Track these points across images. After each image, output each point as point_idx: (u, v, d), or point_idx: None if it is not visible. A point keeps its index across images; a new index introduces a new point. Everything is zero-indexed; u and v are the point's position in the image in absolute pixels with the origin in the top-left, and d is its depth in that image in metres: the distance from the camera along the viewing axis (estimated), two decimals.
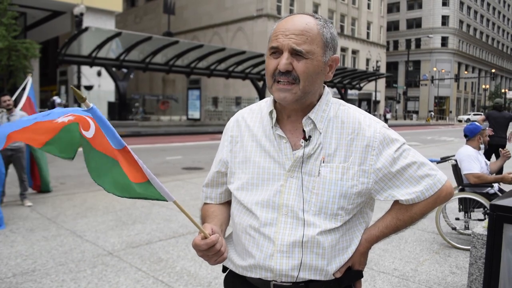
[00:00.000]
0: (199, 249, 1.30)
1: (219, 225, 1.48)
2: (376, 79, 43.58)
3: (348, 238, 1.41)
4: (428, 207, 1.42)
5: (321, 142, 1.37)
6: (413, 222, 1.46)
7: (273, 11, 42.11)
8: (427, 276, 4.02)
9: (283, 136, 1.39)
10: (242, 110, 1.58)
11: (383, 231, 1.47)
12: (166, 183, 8.24)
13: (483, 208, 4.80)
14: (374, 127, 1.38)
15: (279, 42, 1.30)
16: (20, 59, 21.02)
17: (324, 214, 1.35)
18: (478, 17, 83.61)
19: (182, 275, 3.89)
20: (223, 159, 1.53)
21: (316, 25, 1.32)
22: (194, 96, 32.23)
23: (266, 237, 1.37)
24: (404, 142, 1.41)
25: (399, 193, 1.39)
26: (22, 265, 4.02)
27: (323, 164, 1.35)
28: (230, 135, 1.52)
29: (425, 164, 1.41)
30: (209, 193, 1.61)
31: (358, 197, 1.37)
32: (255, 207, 1.40)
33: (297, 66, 1.29)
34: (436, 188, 1.40)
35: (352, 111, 1.43)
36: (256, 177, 1.41)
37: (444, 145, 17.87)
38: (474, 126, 5.22)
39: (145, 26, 52.32)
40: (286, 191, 1.37)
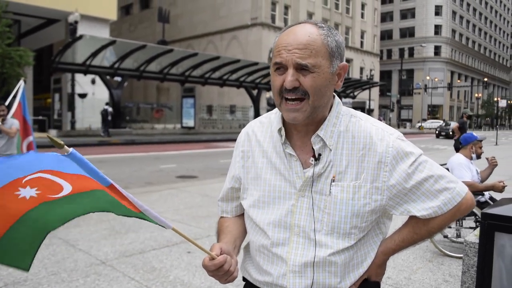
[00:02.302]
0: (207, 270, 1.29)
1: (233, 241, 1.46)
2: (370, 87, 43.84)
3: (363, 253, 1.38)
4: (446, 221, 1.37)
5: (332, 160, 1.32)
6: (430, 235, 1.44)
7: (268, 20, 42.34)
8: (420, 284, 4.03)
9: (293, 154, 1.35)
10: (251, 123, 1.54)
11: (399, 244, 1.43)
12: (160, 192, 8.22)
13: (474, 216, 4.82)
14: (387, 141, 1.32)
15: (283, 57, 1.25)
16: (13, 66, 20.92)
17: (337, 234, 1.32)
18: (470, 26, 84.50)
19: (176, 285, 3.87)
20: (236, 175, 1.51)
21: (320, 35, 1.26)
22: (188, 104, 32.21)
23: (279, 257, 1.35)
24: (421, 154, 1.35)
25: (415, 208, 1.34)
26: (14, 274, 3.99)
27: (334, 183, 1.31)
28: (242, 150, 1.50)
29: (443, 177, 1.34)
30: (225, 207, 1.59)
31: (371, 214, 1.33)
32: (267, 227, 1.38)
33: (304, 81, 1.24)
34: (455, 202, 1.34)
35: (364, 123, 1.37)
36: (267, 195, 1.39)
37: (437, 153, 17.96)
38: (469, 135, 5.24)
39: (140, 34, 52.38)
40: (297, 211, 1.34)
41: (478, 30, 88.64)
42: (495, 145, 24.81)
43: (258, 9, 42.29)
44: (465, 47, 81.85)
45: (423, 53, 72.91)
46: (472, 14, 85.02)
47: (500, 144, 25.92)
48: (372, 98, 52.50)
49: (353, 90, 41.20)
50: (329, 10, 50.59)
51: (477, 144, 5.17)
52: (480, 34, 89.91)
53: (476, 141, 5.16)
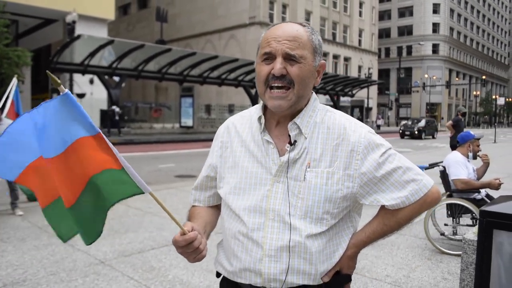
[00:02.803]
0: (177, 245, 1.33)
1: (203, 226, 1.51)
2: (368, 86, 43.81)
3: (335, 243, 1.43)
4: (414, 212, 1.43)
5: (306, 147, 1.39)
6: (399, 227, 1.48)
7: (266, 19, 42.31)
8: (419, 282, 4.03)
9: (271, 141, 1.42)
10: (233, 117, 1.61)
11: (370, 236, 1.48)
12: (159, 191, 8.21)
13: (471, 213, 4.84)
14: (359, 132, 1.40)
15: (272, 47, 1.34)
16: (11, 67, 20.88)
17: (310, 218, 1.37)
18: (468, 24, 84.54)
19: (175, 284, 3.88)
20: (213, 164, 1.57)
21: (306, 32, 1.38)
22: (187, 103, 32.21)
23: (255, 242, 1.39)
24: (390, 147, 1.43)
25: (384, 198, 1.40)
26: (13, 274, 3.99)
27: (309, 169, 1.37)
28: (220, 141, 1.56)
29: (410, 169, 1.41)
30: (198, 196, 1.65)
31: (343, 201, 1.39)
32: (243, 212, 1.42)
33: (291, 70, 1.33)
34: (421, 193, 1.40)
35: (338, 116, 1.46)
36: (244, 181, 1.44)
37: (435, 151, 17.95)
38: (467, 134, 5.26)
39: (138, 34, 52.30)
40: (272, 195, 1.39)
41: (476, 28, 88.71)
42: (493, 143, 24.86)
43: (256, 8, 42.27)
44: (463, 45, 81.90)
45: (421, 51, 72.90)
46: (470, 12, 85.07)
47: (498, 142, 25.97)
48: (371, 96, 52.51)
49: (352, 88, 41.20)
50: (327, 9, 50.56)
51: (475, 143, 5.18)
52: (478, 32, 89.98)
53: (473, 140, 5.17)
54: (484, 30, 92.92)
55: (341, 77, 37.89)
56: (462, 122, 10.79)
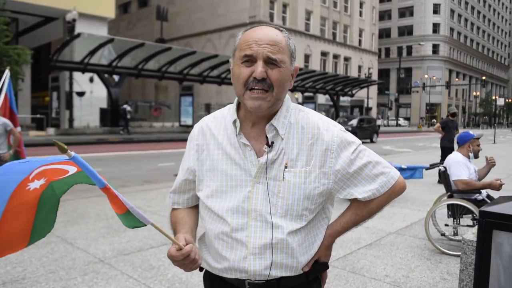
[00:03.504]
0: (174, 260, 1.37)
1: (190, 231, 1.54)
2: (368, 86, 43.82)
3: (313, 235, 1.51)
4: (383, 201, 1.53)
5: (283, 148, 1.44)
6: (371, 216, 1.57)
7: (266, 18, 42.29)
8: (418, 282, 4.03)
9: (247, 143, 1.45)
10: (205, 118, 1.62)
11: (344, 226, 1.56)
12: (158, 190, 8.22)
13: (472, 214, 4.83)
14: (332, 131, 1.46)
15: (254, 50, 1.36)
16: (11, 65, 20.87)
17: (290, 216, 1.43)
18: (468, 24, 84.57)
19: (174, 283, 3.88)
20: (190, 167, 1.58)
21: (284, 37, 1.42)
22: (186, 102, 32.19)
23: (239, 242, 1.44)
24: (360, 143, 1.50)
25: (356, 191, 1.49)
26: (12, 272, 3.99)
27: (287, 170, 1.43)
28: (196, 144, 1.58)
29: (379, 162, 1.50)
30: (177, 199, 1.67)
31: (320, 197, 1.47)
32: (225, 214, 1.46)
33: (271, 74, 1.36)
34: (389, 184, 1.50)
35: (311, 116, 1.51)
36: (224, 184, 1.47)
37: (435, 152, 17.93)
38: (465, 134, 5.25)
39: (138, 32, 52.27)
40: (254, 196, 1.43)
41: (477, 28, 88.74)
42: (493, 143, 24.87)
43: (256, 8, 42.26)
44: (463, 46, 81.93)
45: (421, 51, 72.94)
46: (470, 13, 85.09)
47: (498, 142, 25.98)
48: (370, 96, 52.53)
49: (351, 88, 41.20)
50: (327, 8, 50.55)
51: (474, 142, 5.17)
52: (478, 33, 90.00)
53: (472, 140, 5.16)
54: (484, 31, 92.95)
55: (341, 77, 37.90)
56: (454, 122, 10.66)
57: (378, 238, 5.35)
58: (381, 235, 5.45)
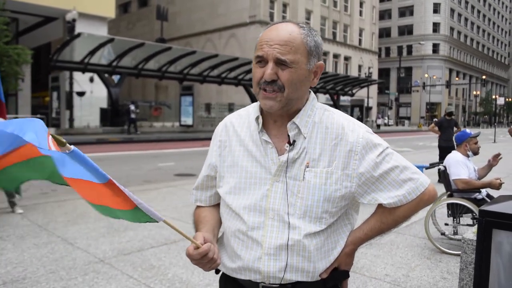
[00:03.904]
0: (192, 258, 1.35)
1: (211, 230, 1.52)
2: (368, 85, 43.81)
3: (333, 240, 1.45)
4: (411, 210, 1.45)
5: (306, 147, 1.40)
6: (396, 225, 1.50)
7: (266, 18, 42.28)
8: (418, 281, 4.04)
9: (269, 141, 1.43)
10: (230, 115, 1.61)
11: (368, 233, 1.50)
12: (159, 190, 8.22)
13: (472, 213, 4.83)
14: (357, 132, 1.41)
15: (264, 51, 1.34)
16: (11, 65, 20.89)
17: (309, 218, 1.39)
18: (468, 24, 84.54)
19: (174, 282, 3.88)
20: (212, 163, 1.57)
21: (300, 34, 1.36)
22: (186, 102, 32.16)
23: (254, 241, 1.41)
24: (388, 147, 1.44)
25: (381, 196, 1.42)
26: (12, 272, 3.99)
27: (308, 169, 1.39)
28: (219, 140, 1.56)
29: (407, 168, 1.43)
30: (199, 196, 1.65)
31: (341, 200, 1.41)
32: (242, 211, 1.43)
33: (282, 75, 1.34)
34: (418, 191, 1.42)
35: (336, 116, 1.46)
36: (243, 181, 1.45)
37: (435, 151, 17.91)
38: (462, 133, 5.25)
39: (138, 32, 52.25)
40: (272, 195, 1.40)
41: (477, 27, 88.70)
42: (493, 142, 24.86)
43: (256, 7, 42.25)
44: (463, 45, 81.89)
45: (421, 50, 72.90)
46: (470, 12, 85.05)
47: (498, 141, 25.96)
48: (371, 95, 52.49)
49: (352, 88, 41.19)
50: (327, 8, 50.54)
51: (472, 141, 5.17)
52: (478, 32, 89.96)
53: (469, 138, 5.16)
54: (485, 30, 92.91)
55: (341, 77, 37.89)
56: (451, 121, 10.59)
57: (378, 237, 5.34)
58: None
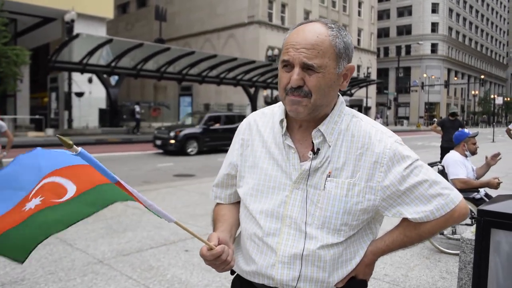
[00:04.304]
0: (205, 259, 1.32)
1: (229, 229, 1.48)
2: (367, 85, 43.83)
3: (352, 250, 1.40)
4: (438, 227, 1.38)
5: (330, 156, 1.34)
6: (421, 240, 1.44)
7: (265, 18, 42.27)
8: (417, 281, 4.04)
9: (292, 146, 1.37)
10: (254, 113, 1.56)
11: (389, 245, 1.44)
12: (158, 190, 8.21)
13: (470, 213, 4.83)
14: (385, 143, 1.34)
15: (290, 55, 1.27)
16: (10, 65, 20.87)
17: (327, 229, 1.33)
18: (467, 24, 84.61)
19: (173, 283, 3.88)
20: (233, 162, 1.53)
21: (328, 36, 1.28)
22: (185, 102, 32.24)
23: (269, 247, 1.37)
24: (417, 159, 1.37)
25: (407, 211, 1.35)
26: (11, 274, 3.98)
27: (329, 179, 1.33)
28: (242, 138, 1.52)
29: (438, 182, 1.35)
30: (219, 193, 1.62)
31: (363, 214, 1.35)
32: (259, 215, 1.40)
33: (309, 80, 1.27)
34: (448, 208, 1.34)
35: (364, 123, 1.39)
36: (262, 183, 1.41)
37: (434, 151, 17.93)
38: (460, 133, 5.26)
39: (137, 32, 52.19)
40: (291, 202, 1.36)
41: (475, 27, 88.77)
42: (491, 142, 24.88)
43: (255, 7, 42.22)
44: (461, 45, 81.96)
45: (420, 50, 72.93)
46: (468, 12, 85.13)
47: (496, 141, 25.99)
48: (369, 95, 52.52)
49: (350, 88, 41.21)
50: (326, 8, 50.55)
51: (470, 141, 5.16)
52: (477, 32, 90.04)
53: (467, 138, 5.16)
54: (483, 30, 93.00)
55: None
56: (455, 122, 10.40)
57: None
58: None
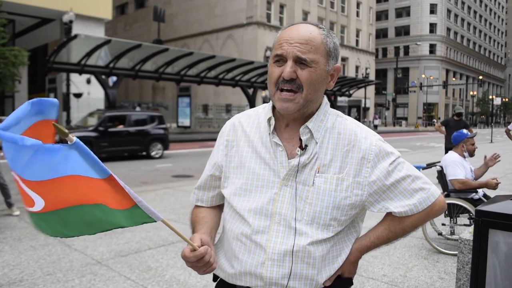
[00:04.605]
0: (188, 261, 1.30)
1: (209, 232, 1.48)
2: (365, 86, 43.82)
3: (338, 248, 1.43)
4: (420, 220, 1.44)
5: (317, 152, 1.37)
6: (404, 234, 1.48)
7: (263, 19, 42.29)
8: (416, 282, 4.04)
9: (280, 144, 1.39)
10: (238, 115, 1.57)
11: (374, 241, 1.48)
12: (156, 191, 8.21)
13: (468, 213, 4.84)
14: (370, 140, 1.40)
15: (284, 49, 1.31)
16: (8, 66, 20.83)
17: (317, 224, 1.36)
18: (465, 24, 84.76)
19: (172, 284, 3.87)
20: (218, 162, 1.52)
21: (320, 34, 1.35)
22: (184, 103, 32.16)
23: (258, 245, 1.37)
24: (399, 156, 1.43)
25: (392, 205, 1.41)
26: (9, 275, 3.98)
27: (318, 174, 1.36)
28: (226, 139, 1.52)
29: (419, 177, 1.43)
30: (201, 195, 1.61)
31: (351, 209, 1.39)
32: (248, 214, 1.40)
33: (301, 74, 1.31)
34: (429, 201, 1.42)
35: (349, 122, 1.44)
36: (250, 183, 1.42)
37: (432, 151, 17.99)
38: (458, 134, 5.27)
39: (135, 33, 52.19)
40: (280, 199, 1.37)
41: (473, 28, 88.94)
42: (490, 142, 24.93)
43: (253, 8, 42.24)
44: (460, 45, 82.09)
45: (418, 51, 73.04)
46: (466, 12, 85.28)
47: (495, 141, 26.04)
48: (368, 96, 52.57)
49: (349, 88, 41.22)
50: (324, 9, 50.58)
51: (468, 142, 5.18)
52: (475, 32, 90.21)
53: (466, 139, 5.17)
54: (481, 31, 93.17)
55: (339, 77, 37.61)
56: (460, 122, 10.21)
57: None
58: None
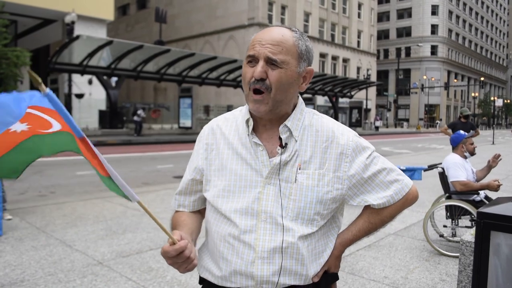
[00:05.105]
0: (167, 256, 1.25)
1: (190, 233, 1.47)
2: (367, 87, 43.88)
3: (323, 243, 1.47)
4: (397, 210, 1.52)
5: (297, 150, 1.41)
6: (383, 224, 1.56)
7: (265, 20, 42.32)
8: (417, 283, 4.04)
9: (260, 143, 1.42)
10: (216, 119, 1.59)
11: (356, 234, 1.54)
12: (157, 192, 8.21)
13: (470, 215, 4.83)
14: (347, 135, 1.45)
15: (256, 50, 1.36)
16: (10, 67, 20.83)
17: (301, 220, 1.39)
18: (466, 26, 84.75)
19: (173, 285, 3.87)
20: (198, 166, 1.53)
21: (292, 37, 1.38)
22: (185, 104, 32.17)
23: (247, 245, 1.38)
24: (374, 150, 1.50)
25: (371, 198, 1.47)
26: (11, 275, 3.98)
27: (300, 171, 1.40)
28: (205, 143, 1.53)
29: (393, 170, 1.50)
30: (182, 200, 1.62)
31: (333, 202, 1.43)
32: (233, 215, 1.41)
33: (271, 74, 1.34)
34: (404, 192, 1.49)
35: (326, 120, 1.50)
36: (233, 184, 1.43)
37: (434, 153, 17.97)
38: (456, 135, 5.26)
39: (137, 34, 52.28)
40: (264, 197, 1.39)
41: (475, 29, 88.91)
42: (491, 144, 24.89)
43: (255, 9, 42.28)
44: (461, 47, 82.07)
45: (419, 52, 73.07)
46: (468, 14, 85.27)
47: (496, 143, 26.01)
48: (369, 97, 52.56)
49: (350, 90, 41.25)
50: (326, 10, 50.60)
51: (467, 142, 5.17)
52: (477, 34, 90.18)
53: (464, 139, 5.17)
54: (483, 32, 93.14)
55: (340, 78, 37.91)
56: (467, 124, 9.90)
57: (377, 239, 5.35)
58: (380, 237, 5.46)
